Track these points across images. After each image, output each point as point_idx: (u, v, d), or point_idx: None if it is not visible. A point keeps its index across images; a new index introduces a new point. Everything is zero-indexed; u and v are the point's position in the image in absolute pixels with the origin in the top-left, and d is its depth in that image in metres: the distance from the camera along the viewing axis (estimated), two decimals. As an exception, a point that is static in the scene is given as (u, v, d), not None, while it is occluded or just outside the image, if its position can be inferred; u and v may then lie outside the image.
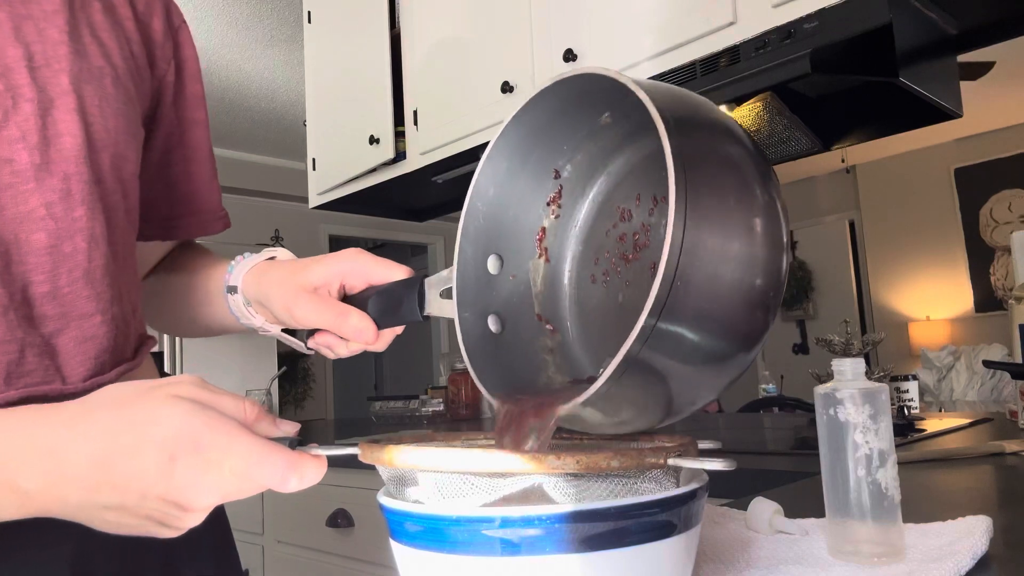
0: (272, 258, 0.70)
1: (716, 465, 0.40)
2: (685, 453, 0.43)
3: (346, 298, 0.63)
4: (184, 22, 0.76)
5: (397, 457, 0.41)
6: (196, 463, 0.41)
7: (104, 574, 0.61)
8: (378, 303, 0.61)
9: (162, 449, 0.41)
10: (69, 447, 0.41)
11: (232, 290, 0.69)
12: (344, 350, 0.63)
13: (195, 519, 0.44)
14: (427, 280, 0.59)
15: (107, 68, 0.63)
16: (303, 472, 0.43)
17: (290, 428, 0.46)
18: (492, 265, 0.57)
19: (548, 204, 0.58)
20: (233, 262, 0.71)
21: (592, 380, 0.42)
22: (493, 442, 0.48)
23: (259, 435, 0.43)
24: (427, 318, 0.59)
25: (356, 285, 0.63)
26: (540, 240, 0.58)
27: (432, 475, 0.41)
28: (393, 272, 0.62)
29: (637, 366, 0.41)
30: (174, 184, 0.76)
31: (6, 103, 0.57)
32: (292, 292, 0.62)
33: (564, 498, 0.40)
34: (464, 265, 0.56)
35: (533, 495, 0.40)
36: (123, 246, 0.66)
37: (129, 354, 0.66)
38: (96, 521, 0.43)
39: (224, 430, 0.41)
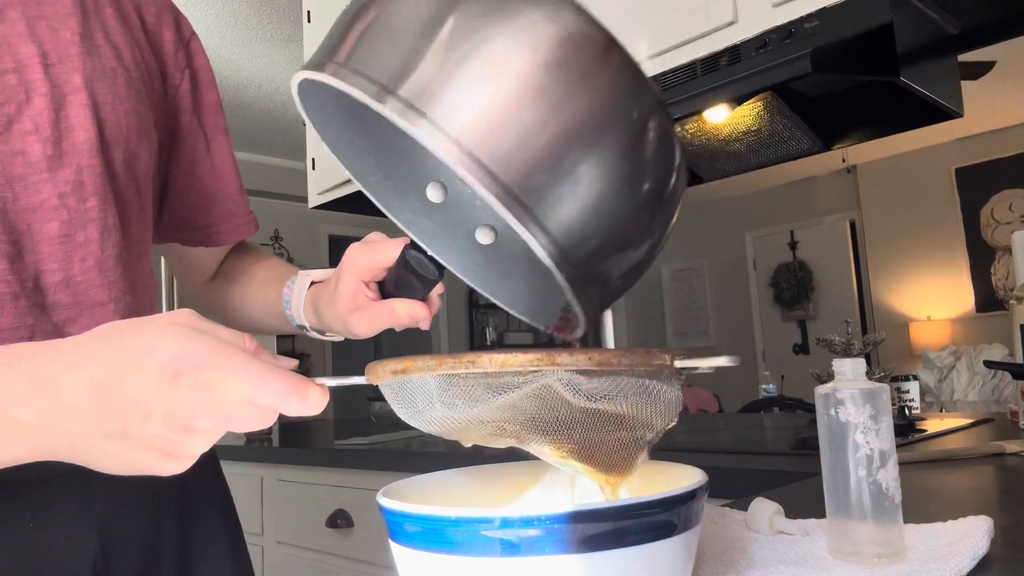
0: (313, 281, 0.74)
1: (721, 362, 0.40)
2: (690, 356, 0.43)
3: (380, 285, 0.67)
4: (194, 33, 0.78)
5: (411, 365, 0.41)
6: (199, 381, 0.41)
7: (123, 567, 0.63)
8: (401, 287, 0.64)
9: (164, 368, 0.40)
10: (67, 376, 0.41)
11: (303, 328, 0.75)
12: (426, 322, 0.66)
13: (200, 444, 0.43)
14: (411, 254, 0.60)
15: (120, 69, 0.65)
16: (306, 394, 0.42)
17: (288, 363, 0.46)
18: (436, 195, 0.55)
19: None
20: (285, 294, 0.75)
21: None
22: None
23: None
24: (443, 272, 0.61)
25: (376, 276, 0.66)
26: None
27: (447, 381, 0.41)
28: (387, 251, 0.64)
29: (587, 277, 0.41)
30: (207, 192, 0.79)
31: (19, 97, 0.58)
32: (342, 317, 0.67)
33: (575, 396, 0.40)
34: (421, 229, 0.55)
35: (546, 398, 0.40)
36: (137, 242, 0.67)
37: None
38: (99, 455, 0.43)
39: (226, 352, 0.41)
